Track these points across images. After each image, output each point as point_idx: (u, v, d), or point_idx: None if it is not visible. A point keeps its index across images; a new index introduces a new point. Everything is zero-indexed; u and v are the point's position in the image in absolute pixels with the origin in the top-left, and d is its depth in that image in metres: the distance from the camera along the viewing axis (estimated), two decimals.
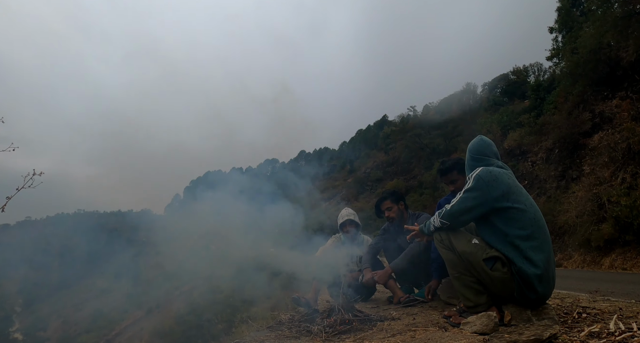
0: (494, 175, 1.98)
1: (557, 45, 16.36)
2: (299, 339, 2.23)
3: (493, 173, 1.99)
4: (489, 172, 1.99)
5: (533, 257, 1.88)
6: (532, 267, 1.86)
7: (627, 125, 10.61)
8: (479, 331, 1.82)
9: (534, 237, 1.92)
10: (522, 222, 1.92)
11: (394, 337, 1.98)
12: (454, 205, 2.02)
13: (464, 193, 2.01)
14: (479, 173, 2.00)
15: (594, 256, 9.53)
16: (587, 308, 2.37)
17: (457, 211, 2.01)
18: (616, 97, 11.90)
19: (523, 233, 1.91)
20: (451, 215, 2.03)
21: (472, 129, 23.31)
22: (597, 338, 1.69)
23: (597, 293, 3.73)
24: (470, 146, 2.25)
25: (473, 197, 1.97)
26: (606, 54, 12.17)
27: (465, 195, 2.00)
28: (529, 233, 1.91)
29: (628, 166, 10.04)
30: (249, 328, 5.27)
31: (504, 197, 1.94)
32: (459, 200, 2.01)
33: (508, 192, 1.96)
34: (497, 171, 2.02)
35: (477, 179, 1.98)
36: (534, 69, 27.83)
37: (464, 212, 2.00)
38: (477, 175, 2.00)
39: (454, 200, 2.05)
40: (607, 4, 12.53)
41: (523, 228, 1.91)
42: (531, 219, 1.94)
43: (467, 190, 2.00)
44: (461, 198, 2.01)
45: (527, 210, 1.95)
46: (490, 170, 2.02)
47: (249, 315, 7.13)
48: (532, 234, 1.92)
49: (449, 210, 2.04)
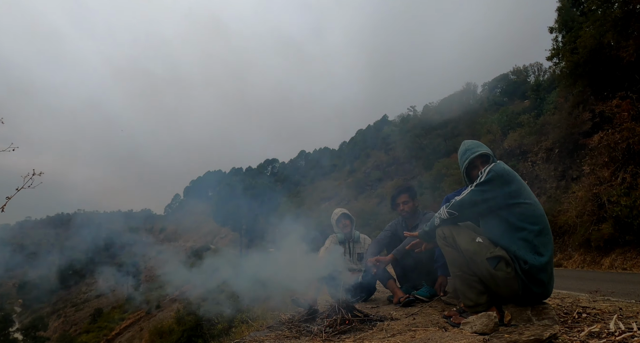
0: (507, 171, 1.95)
1: (557, 45, 16.33)
2: (299, 339, 2.23)
3: (507, 169, 1.96)
4: (503, 168, 1.96)
5: (543, 252, 1.88)
6: (542, 259, 1.86)
7: (627, 125, 10.60)
8: (479, 331, 1.82)
9: (544, 232, 1.92)
10: (535, 218, 1.92)
11: (394, 337, 1.98)
12: (464, 196, 1.99)
13: (476, 186, 1.97)
14: (494, 168, 1.95)
15: (594, 256, 9.52)
16: (587, 308, 2.37)
17: (467, 202, 1.98)
18: (616, 97, 11.88)
19: (536, 228, 1.90)
20: (461, 206, 2.00)
21: (472, 129, 23.32)
22: (597, 338, 1.69)
23: (597, 293, 3.72)
24: (478, 144, 2.23)
25: (485, 190, 1.94)
26: (606, 54, 12.16)
27: (477, 188, 1.96)
28: (541, 228, 1.91)
29: (628, 166, 10.03)
30: (249, 328, 5.27)
31: (517, 193, 1.92)
32: (470, 192, 1.98)
33: (520, 189, 1.94)
34: (509, 168, 1.99)
35: (492, 174, 1.94)
36: (534, 69, 27.90)
37: (474, 204, 1.97)
38: (491, 169, 1.95)
39: (465, 191, 2.02)
40: (607, 4, 12.53)
41: (535, 224, 1.91)
42: (541, 215, 1.94)
43: (480, 184, 1.96)
44: (472, 190, 1.97)
45: (537, 207, 1.95)
46: (503, 165, 1.98)
47: (249, 315, 7.12)
48: (543, 229, 1.92)
49: (459, 201, 2.00)
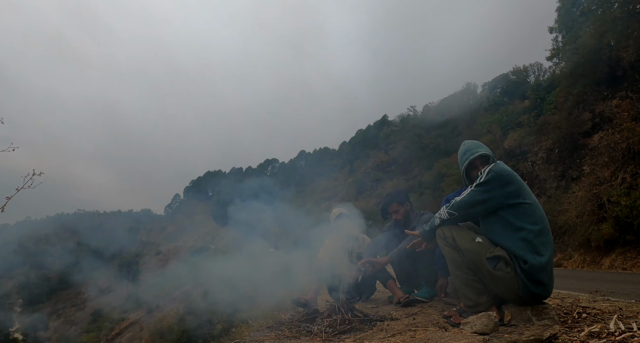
0: (507, 171, 1.96)
1: (557, 45, 16.36)
2: (299, 339, 2.23)
3: (506, 169, 1.97)
4: (503, 168, 1.96)
5: (543, 252, 1.88)
6: (542, 259, 1.87)
7: (627, 125, 10.61)
8: (479, 331, 1.82)
9: (544, 232, 1.93)
10: (534, 217, 1.92)
11: (394, 337, 1.98)
12: (464, 197, 2.00)
13: (475, 186, 1.98)
14: (493, 168, 1.96)
15: (594, 256, 9.52)
16: (587, 308, 2.37)
17: (467, 203, 1.99)
18: (616, 97, 11.90)
19: (536, 228, 1.90)
20: (460, 207, 2.01)
21: (472, 129, 23.32)
22: (597, 338, 1.69)
23: (597, 293, 3.72)
24: (478, 144, 2.23)
25: (485, 191, 1.95)
26: (606, 54, 12.17)
27: (477, 189, 1.97)
28: (541, 228, 1.92)
29: (628, 166, 10.04)
30: (249, 328, 5.26)
31: (517, 193, 1.93)
32: (470, 193, 1.99)
33: (520, 189, 1.95)
34: (509, 168, 2.00)
35: (492, 174, 1.94)
36: (534, 69, 27.86)
37: (473, 205, 1.98)
38: (491, 169, 1.96)
39: (465, 192, 2.03)
40: (607, 4, 12.54)
41: (535, 224, 1.91)
42: (541, 215, 1.95)
43: (480, 184, 1.96)
44: (472, 191, 1.98)
45: (537, 207, 1.96)
46: (503, 166, 1.99)
47: (249, 315, 7.11)
48: (543, 230, 1.92)
49: (459, 201, 2.01)
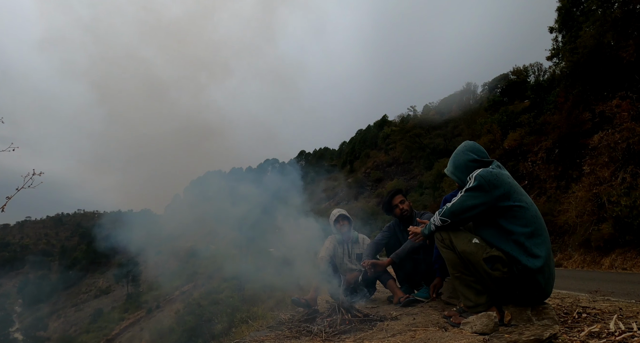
0: (494, 175, 1.99)
1: (557, 45, 16.34)
2: (299, 339, 2.23)
3: (494, 173, 2.00)
4: (490, 172, 2.00)
5: (537, 253, 1.90)
6: (537, 262, 1.88)
7: (627, 125, 10.60)
8: (479, 331, 1.82)
9: (537, 233, 1.94)
10: (525, 220, 1.94)
11: (394, 337, 1.98)
12: (454, 203, 2.03)
13: (465, 192, 2.02)
14: (480, 173, 2.00)
15: (594, 256, 9.53)
16: (587, 308, 2.38)
17: (457, 209, 2.02)
18: (616, 97, 11.89)
19: (527, 231, 1.92)
20: (452, 213, 2.04)
21: (472, 129, 23.32)
22: (597, 338, 1.69)
23: (597, 293, 3.72)
24: (468, 147, 2.24)
25: (474, 196, 1.98)
26: (606, 54, 12.16)
27: (466, 194, 2.01)
28: (532, 230, 1.93)
29: (628, 166, 10.03)
30: (249, 328, 5.26)
31: (506, 196, 1.96)
32: (460, 199, 2.02)
33: (510, 191, 1.97)
34: (497, 171, 2.03)
35: (479, 179, 1.98)
36: (534, 69, 27.85)
37: (464, 211, 2.01)
38: (478, 175, 2.00)
39: (455, 198, 2.06)
40: (607, 4, 12.54)
41: (526, 226, 1.93)
42: (533, 216, 1.96)
43: (469, 190, 2.00)
44: (462, 197, 2.02)
45: (529, 208, 1.97)
46: (490, 170, 2.03)
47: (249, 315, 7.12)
48: (535, 231, 1.94)
49: (450, 208, 2.04)
